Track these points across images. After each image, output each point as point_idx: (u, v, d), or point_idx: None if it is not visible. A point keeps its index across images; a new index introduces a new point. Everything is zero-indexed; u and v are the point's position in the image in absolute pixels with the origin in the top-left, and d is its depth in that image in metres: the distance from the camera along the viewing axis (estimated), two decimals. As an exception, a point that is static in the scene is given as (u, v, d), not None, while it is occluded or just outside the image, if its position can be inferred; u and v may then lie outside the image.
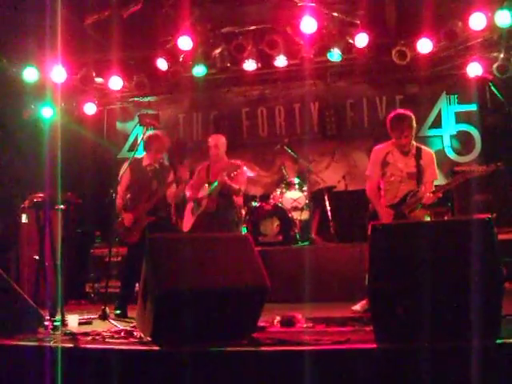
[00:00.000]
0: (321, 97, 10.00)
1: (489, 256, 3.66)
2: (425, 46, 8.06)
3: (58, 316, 5.09)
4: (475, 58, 8.44)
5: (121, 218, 6.45)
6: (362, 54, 8.57)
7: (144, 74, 9.01)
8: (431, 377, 3.38)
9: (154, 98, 10.35)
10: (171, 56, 8.57)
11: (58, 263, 5.57)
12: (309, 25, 7.82)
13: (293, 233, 8.20)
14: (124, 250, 7.33)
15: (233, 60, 8.90)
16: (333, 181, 9.29)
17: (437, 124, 9.51)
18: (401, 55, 8.19)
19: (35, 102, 9.28)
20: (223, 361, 3.75)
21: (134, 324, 4.74)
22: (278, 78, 9.71)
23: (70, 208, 6.48)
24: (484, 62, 8.42)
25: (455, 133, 9.47)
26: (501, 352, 3.47)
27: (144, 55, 8.90)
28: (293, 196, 8.50)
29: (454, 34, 7.88)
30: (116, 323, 5.19)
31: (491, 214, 3.94)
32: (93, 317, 5.66)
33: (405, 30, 8.29)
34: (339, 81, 9.81)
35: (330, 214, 8.64)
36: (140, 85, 9.13)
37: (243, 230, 7.84)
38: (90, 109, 9.92)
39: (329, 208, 8.67)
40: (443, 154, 9.27)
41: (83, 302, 8.15)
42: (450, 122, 9.49)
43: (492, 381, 3.34)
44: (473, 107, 9.35)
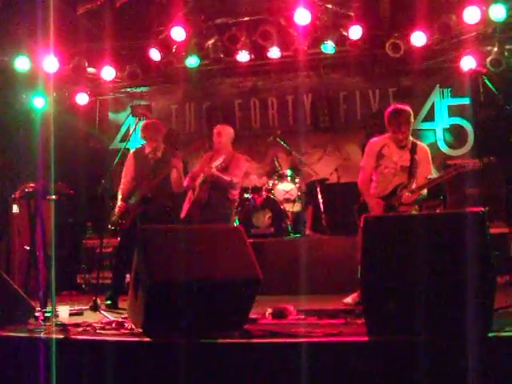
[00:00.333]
0: (314, 89, 9.99)
1: (481, 249, 3.66)
2: (419, 38, 8.06)
3: (48, 307, 5.07)
4: (469, 51, 8.46)
5: (116, 205, 6.43)
6: (355, 46, 8.53)
7: (137, 64, 8.97)
8: (423, 370, 3.39)
9: (146, 89, 10.34)
10: (164, 46, 8.51)
11: (49, 254, 5.55)
12: (303, 16, 7.80)
13: (285, 225, 8.19)
14: (115, 241, 7.31)
15: (226, 51, 8.87)
16: (325, 173, 9.24)
17: (430, 117, 9.53)
18: (394, 48, 8.19)
19: (27, 91, 9.21)
20: (214, 352, 3.74)
21: (126, 315, 4.73)
22: (271, 69, 9.70)
23: (61, 198, 6.45)
24: (478, 55, 8.43)
25: (448, 126, 9.49)
26: (492, 345, 3.48)
27: (137, 45, 8.85)
28: (285, 188, 8.48)
29: (447, 28, 7.89)
30: (107, 314, 5.17)
31: (483, 208, 3.94)
32: (84, 308, 5.63)
33: (399, 23, 8.29)
34: (332, 73, 9.82)
35: (322, 206, 8.64)
36: (132, 75, 9.09)
37: (235, 221, 7.82)
38: (82, 99, 9.87)
39: (321, 200, 8.66)
40: (436, 147, 9.27)
41: (74, 293, 8.10)
42: (442, 116, 9.51)
43: (484, 374, 3.35)
44: (466, 101, 9.36)
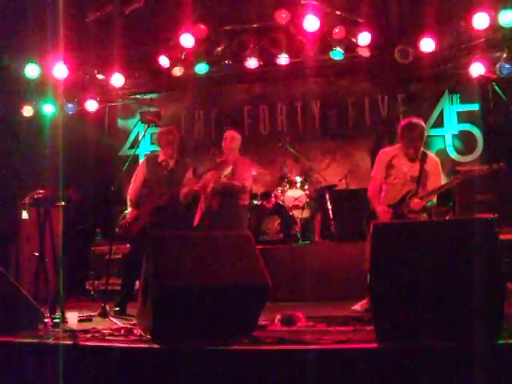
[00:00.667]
0: (322, 95, 10.00)
1: (491, 256, 3.64)
2: (427, 45, 8.03)
3: (57, 313, 5.09)
4: (478, 57, 8.42)
5: (127, 212, 6.43)
6: (364, 52, 8.52)
7: (146, 71, 9.00)
8: (432, 377, 3.37)
9: (155, 96, 10.35)
10: (173, 53, 8.55)
11: (58, 260, 5.57)
12: (311, 23, 7.80)
13: (294, 231, 8.19)
14: (125, 247, 7.33)
15: (235, 58, 8.89)
16: (334, 179, 9.22)
17: (439, 123, 9.50)
18: (403, 54, 8.17)
19: (36, 98, 9.26)
20: (223, 359, 3.73)
21: (134, 322, 4.73)
22: (279, 75, 9.68)
23: (70, 205, 6.45)
24: (487, 61, 8.39)
25: (457, 132, 9.46)
26: (503, 352, 3.46)
27: (146, 52, 8.87)
28: (294, 194, 8.46)
29: (457, 34, 7.87)
30: (116, 321, 5.18)
31: (493, 214, 3.92)
32: (92, 314, 5.64)
33: (408, 29, 8.27)
34: (341, 79, 9.82)
35: (331, 212, 8.62)
36: (142, 82, 9.11)
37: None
38: (92, 106, 9.90)
39: (330, 207, 8.64)
40: (445, 153, 9.26)
41: (83, 299, 8.12)
42: (452, 122, 9.48)
43: (493, 381, 3.32)
44: (475, 107, 9.33)
